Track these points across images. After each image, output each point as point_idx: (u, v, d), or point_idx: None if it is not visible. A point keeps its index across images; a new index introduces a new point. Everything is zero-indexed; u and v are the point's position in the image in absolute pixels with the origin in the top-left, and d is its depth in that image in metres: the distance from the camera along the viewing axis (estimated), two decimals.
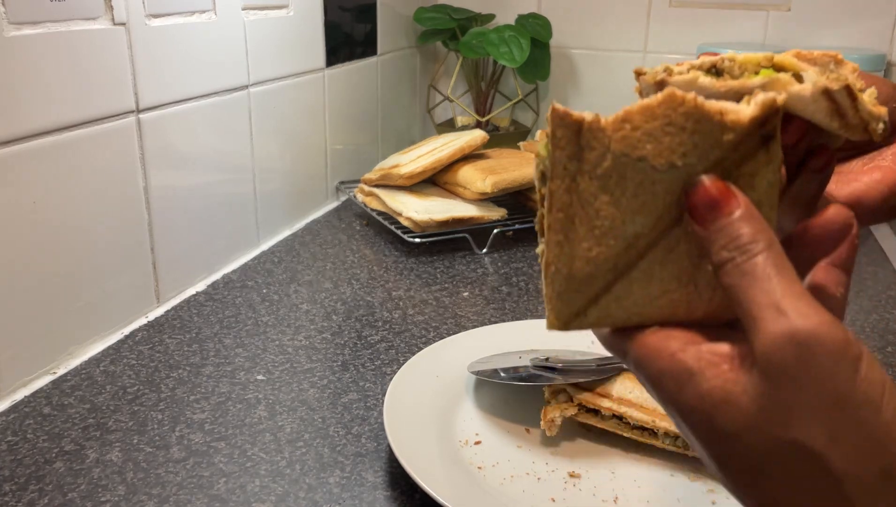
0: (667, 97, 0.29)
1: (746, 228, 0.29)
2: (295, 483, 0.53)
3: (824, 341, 0.26)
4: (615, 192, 0.29)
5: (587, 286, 0.30)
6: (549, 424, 0.56)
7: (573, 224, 0.30)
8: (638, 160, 0.29)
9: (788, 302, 0.27)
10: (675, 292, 0.31)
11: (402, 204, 0.95)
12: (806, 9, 1.26)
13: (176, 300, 0.80)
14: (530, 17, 1.31)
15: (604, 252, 0.30)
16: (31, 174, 0.62)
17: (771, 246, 0.29)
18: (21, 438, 0.57)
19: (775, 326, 0.27)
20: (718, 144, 0.29)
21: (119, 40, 0.69)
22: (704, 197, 0.29)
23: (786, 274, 0.28)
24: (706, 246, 0.30)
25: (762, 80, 0.34)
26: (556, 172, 0.29)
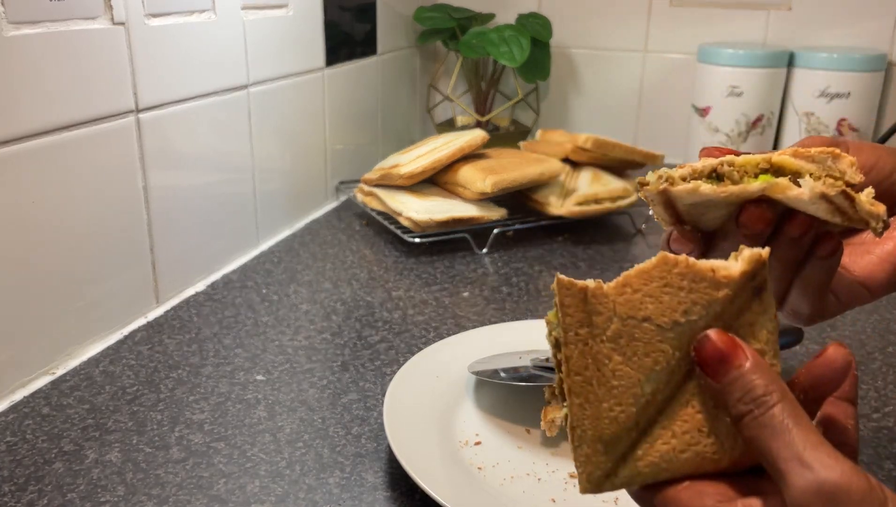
0: (660, 261, 0.31)
1: (759, 380, 0.30)
2: (295, 484, 0.53)
3: (850, 491, 0.28)
4: (627, 351, 0.31)
5: (614, 447, 0.31)
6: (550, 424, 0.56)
7: (592, 386, 0.31)
8: (643, 320, 0.31)
9: (810, 454, 0.28)
10: (699, 444, 0.31)
11: (402, 204, 0.95)
12: (807, 8, 1.26)
13: (175, 300, 0.80)
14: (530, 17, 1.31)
15: (625, 411, 0.31)
16: (30, 174, 0.62)
17: (784, 396, 0.30)
18: (20, 438, 0.57)
19: (802, 480, 0.28)
20: (715, 299, 0.31)
21: (118, 40, 0.68)
22: (713, 352, 0.31)
23: (803, 424, 0.29)
24: (722, 398, 0.31)
25: (761, 185, 0.36)
26: (569, 338, 0.31)
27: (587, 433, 0.31)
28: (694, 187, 0.37)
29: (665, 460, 0.31)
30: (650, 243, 1.00)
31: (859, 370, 0.68)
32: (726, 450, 0.32)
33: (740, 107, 1.21)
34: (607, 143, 1.03)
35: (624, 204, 1.00)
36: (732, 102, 1.21)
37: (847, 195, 0.35)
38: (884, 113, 1.25)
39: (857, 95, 1.17)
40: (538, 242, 0.98)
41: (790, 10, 1.27)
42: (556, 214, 0.97)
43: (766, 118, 1.22)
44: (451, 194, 0.98)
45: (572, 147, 1.04)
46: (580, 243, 0.98)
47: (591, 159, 1.05)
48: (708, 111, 1.24)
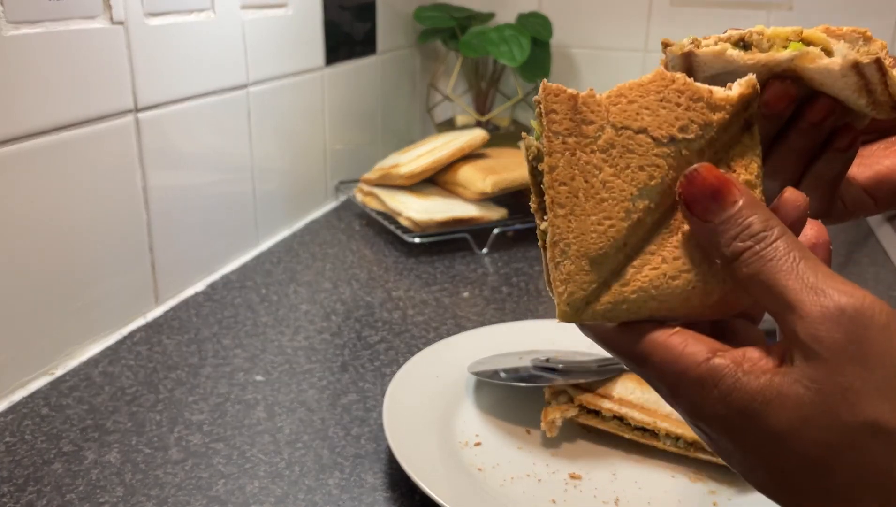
0: (657, 75, 0.30)
1: (755, 215, 0.28)
2: (294, 485, 0.53)
3: (874, 315, 0.25)
4: (619, 163, 0.29)
5: (599, 265, 0.29)
6: (550, 425, 0.56)
7: (578, 198, 0.29)
8: (638, 132, 0.29)
9: (825, 282, 0.26)
10: (690, 271, 0.29)
11: (402, 204, 0.95)
12: (807, 8, 1.26)
13: (175, 301, 0.80)
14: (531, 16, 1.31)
15: (614, 225, 0.29)
16: (29, 174, 0.61)
17: (785, 230, 0.28)
18: (19, 439, 0.57)
19: (818, 307, 0.25)
20: (711, 122, 0.29)
21: (117, 39, 0.68)
22: (704, 187, 0.28)
23: (810, 256, 0.27)
24: (712, 240, 0.28)
25: (791, 53, 0.34)
26: (555, 147, 0.29)
27: (571, 248, 0.29)
28: (721, 50, 0.35)
29: (654, 285, 0.29)
30: None
31: None
32: (719, 281, 0.30)
33: None
34: None
35: None
36: None
37: (880, 66, 0.33)
38: None
39: None
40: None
41: (791, 9, 1.27)
42: None
43: None
44: (451, 194, 0.98)
45: None
46: None
47: None
48: None
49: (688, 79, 0.30)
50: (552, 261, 0.29)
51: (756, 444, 0.27)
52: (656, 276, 0.29)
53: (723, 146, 0.30)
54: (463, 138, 0.99)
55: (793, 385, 0.26)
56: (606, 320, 0.30)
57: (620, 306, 0.29)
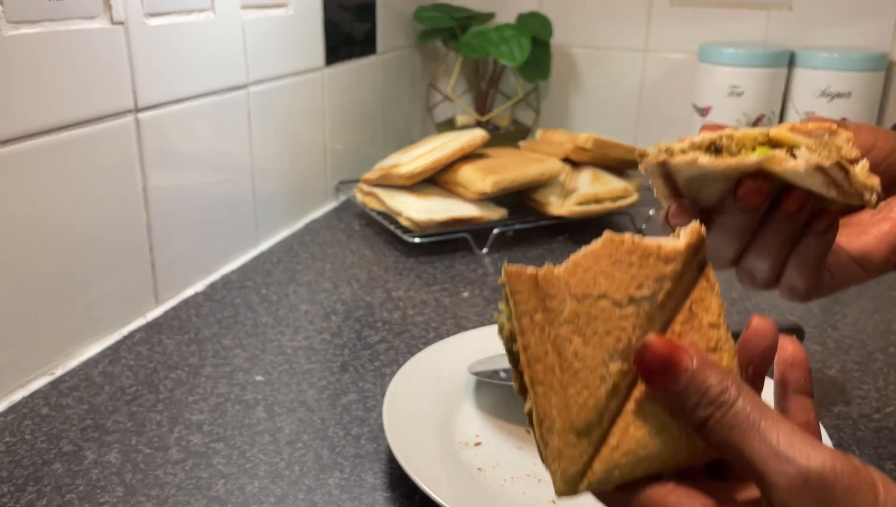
0: (607, 240, 0.31)
1: (712, 378, 0.28)
2: (294, 485, 0.53)
3: (838, 477, 0.26)
4: (586, 331, 0.30)
5: (585, 437, 0.30)
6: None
7: (554, 372, 0.30)
8: (598, 298, 0.30)
9: (787, 446, 0.27)
10: (672, 425, 0.30)
11: (402, 204, 0.95)
12: (807, 8, 1.26)
13: (174, 301, 0.80)
14: (531, 16, 1.31)
15: (593, 394, 0.30)
16: (29, 174, 0.61)
17: (741, 388, 0.28)
18: (19, 439, 0.57)
19: (784, 476, 0.26)
20: (665, 275, 0.30)
21: (117, 39, 0.68)
22: (655, 359, 0.29)
23: (769, 415, 0.28)
24: (677, 408, 0.29)
25: (758, 157, 0.36)
26: (524, 326, 0.30)
27: (556, 424, 0.30)
28: (692, 159, 0.37)
29: (641, 445, 0.30)
30: None
31: (860, 371, 0.68)
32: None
33: (741, 106, 1.21)
34: (607, 143, 1.03)
35: (624, 204, 1.00)
36: (733, 102, 1.21)
37: (842, 167, 0.35)
38: (884, 113, 1.25)
39: (857, 95, 1.17)
40: (538, 242, 0.98)
41: (791, 9, 1.27)
42: (556, 214, 0.97)
43: (766, 118, 1.22)
44: (451, 194, 0.98)
45: (572, 147, 1.04)
46: (580, 243, 0.97)
47: (592, 159, 1.04)
48: (708, 111, 1.24)
49: (636, 238, 0.31)
50: (541, 439, 0.30)
51: None
52: (642, 435, 0.30)
53: (682, 293, 0.31)
54: (463, 138, 0.99)
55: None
56: (603, 487, 0.30)
57: (613, 471, 0.30)
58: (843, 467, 0.26)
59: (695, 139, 0.38)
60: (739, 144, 0.37)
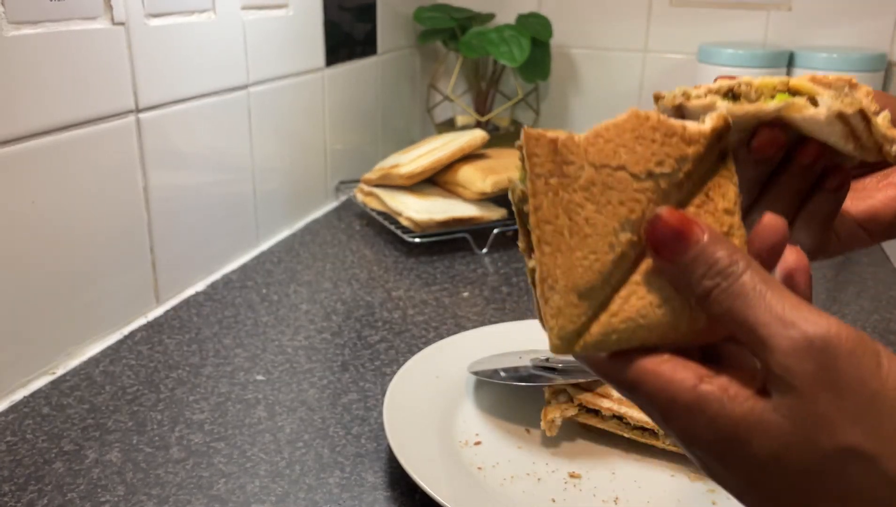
0: (632, 114, 0.31)
1: (721, 252, 0.28)
2: (295, 484, 0.53)
3: (842, 342, 0.26)
4: (600, 200, 0.30)
5: (588, 297, 0.30)
6: (550, 424, 0.56)
7: (563, 235, 0.30)
8: (617, 169, 0.30)
9: (792, 313, 0.27)
10: (674, 299, 0.30)
11: (402, 204, 0.95)
12: (807, 8, 1.26)
13: (175, 300, 0.80)
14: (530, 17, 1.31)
15: (600, 259, 0.30)
16: (30, 174, 0.62)
17: (750, 263, 0.28)
18: (20, 438, 0.57)
19: (787, 339, 0.26)
20: (686, 155, 0.30)
21: (118, 40, 0.68)
22: (666, 230, 0.29)
23: (776, 286, 0.28)
24: (682, 280, 0.29)
25: (778, 104, 0.36)
26: (538, 188, 0.30)
27: (559, 283, 0.30)
28: (710, 103, 0.36)
29: (641, 314, 0.30)
30: None
31: None
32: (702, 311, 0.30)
33: None
34: None
35: None
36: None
37: (864, 116, 0.35)
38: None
39: None
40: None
41: (790, 10, 1.27)
42: None
43: None
44: (451, 194, 0.98)
45: None
46: None
47: None
48: None
49: (661, 115, 0.31)
50: (542, 296, 0.30)
51: (744, 469, 0.28)
52: (643, 305, 0.30)
53: (700, 177, 0.31)
54: (463, 139, 0.99)
55: (772, 413, 0.27)
56: (598, 350, 0.31)
57: (610, 335, 0.30)
58: (848, 333, 0.26)
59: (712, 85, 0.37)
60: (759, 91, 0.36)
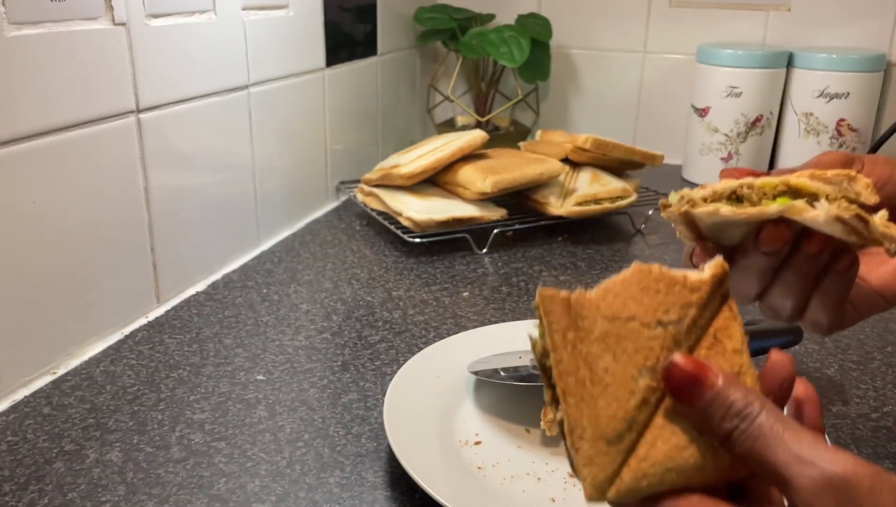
0: (636, 270, 0.33)
1: (736, 394, 0.30)
2: (295, 483, 0.53)
3: (860, 480, 0.27)
4: (616, 350, 0.32)
5: (615, 445, 0.31)
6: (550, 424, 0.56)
7: (585, 386, 0.31)
8: (628, 320, 0.32)
9: (810, 452, 0.28)
10: (699, 440, 0.31)
11: (402, 204, 0.95)
12: (806, 9, 1.26)
13: (176, 300, 0.80)
14: (530, 17, 1.31)
15: (622, 407, 0.31)
16: (30, 174, 0.62)
17: (765, 403, 0.29)
18: (21, 438, 0.57)
19: (808, 479, 0.27)
20: (690, 302, 0.32)
21: (119, 40, 0.69)
22: (683, 376, 0.30)
23: (792, 426, 0.29)
24: (703, 423, 0.30)
25: (779, 207, 0.38)
26: (557, 343, 0.32)
27: (587, 433, 0.31)
28: (714, 210, 0.39)
29: (668, 458, 0.31)
30: (649, 243, 1.00)
31: (858, 370, 0.68)
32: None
33: (739, 107, 1.21)
34: (607, 143, 1.03)
35: (623, 204, 1.00)
36: (731, 103, 1.22)
37: (861, 218, 0.37)
38: (882, 113, 1.25)
39: (856, 96, 1.18)
40: (538, 243, 0.98)
41: (789, 10, 1.27)
42: (555, 214, 0.97)
43: (765, 118, 1.23)
44: (451, 194, 0.99)
45: (572, 147, 1.04)
46: (580, 243, 0.98)
47: (591, 159, 1.05)
48: (707, 111, 1.24)
49: (664, 268, 0.33)
50: (572, 447, 0.31)
51: None
52: (669, 449, 0.31)
53: (706, 321, 0.33)
54: (463, 139, 0.99)
55: None
56: (631, 496, 0.31)
57: (641, 481, 0.31)
58: (865, 470, 0.27)
59: (716, 187, 0.40)
60: (760, 192, 0.39)
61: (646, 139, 1.39)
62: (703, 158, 1.27)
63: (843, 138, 1.20)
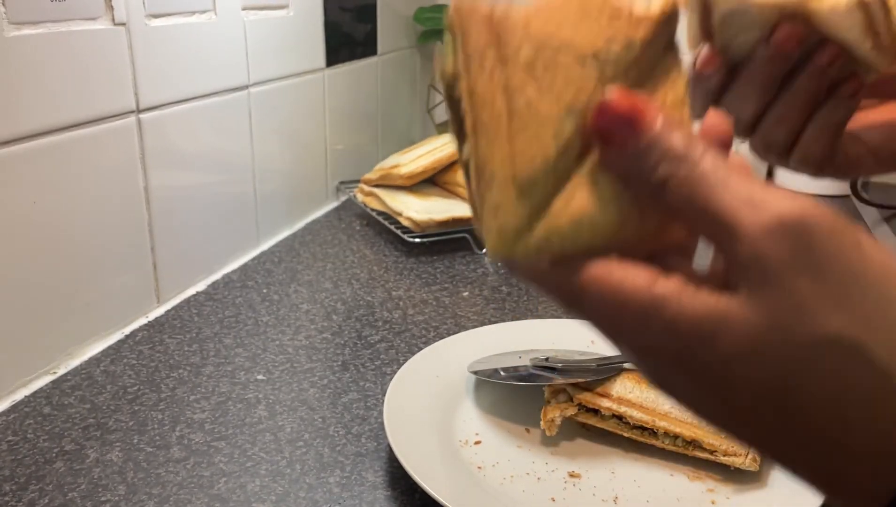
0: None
1: (677, 136, 0.24)
2: (295, 483, 0.53)
3: (818, 221, 0.23)
4: (544, 80, 0.26)
5: (529, 192, 0.26)
6: (549, 424, 0.56)
7: (500, 121, 0.26)
8: (560, 48, 0.26)
9: (762, 195, 0.23)
10: (623, 197, 0.27)
11: (402, 204, 0.95)
12: None
13: (176, 300, 0.80)
14: None
15: (543, 148, 0.26)
16: (31, 174, 0.62)
17: (709, 148, 0.25)
18: (21, 438, 0.57)
19: (758, 220, 0.23)
20: (633, 41, 0.27)
21: (119, 40, 0.69)
22: (616, 114, 0.25)
23: (740, 171, 0.24)
24: (633, 171, 0.25)
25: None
26: (473, 68, 0.26)
27: (497, 175, 0.26)
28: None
29: (586, 215, 0.26)
30: None
31: None
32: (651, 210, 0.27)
33: None
34: None
35: None
36: None
37: (884, 5, 0.36)
38: None
39: None
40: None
41: None
42: None
43: None
44: (451, 194, 0.99)
45: None
46: None
47: None
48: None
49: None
50: (477, 193, 0.27)
51: (706, 373, 0.24)
52: (588, 204, 0.26)
53: (647, 65, 0.28)
54: None
55: (741, 308, 0.23)
56: (540, 253, 0.27)
57: (553, 237, 0.26)
58: (822, 211, 0.23)
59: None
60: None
61: None
62: None
63: None
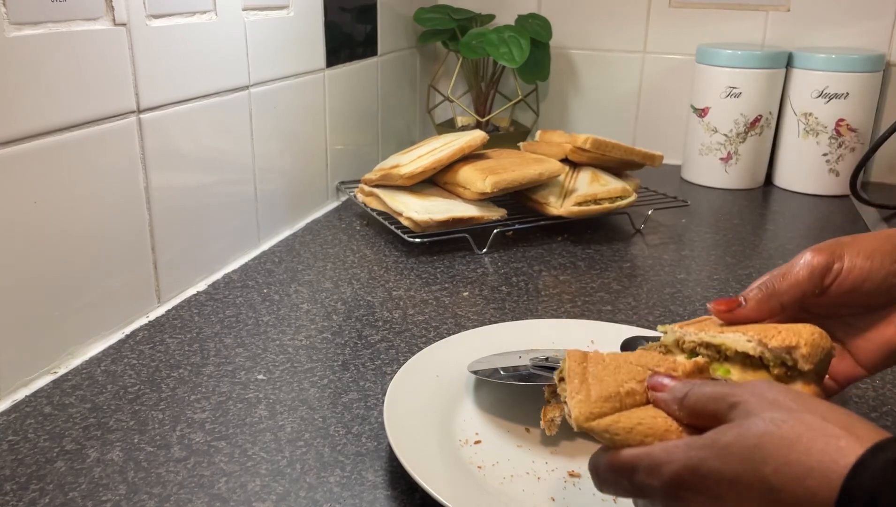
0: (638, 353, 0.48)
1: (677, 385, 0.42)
2: (295, 482, 0.53)
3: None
4: (610, 367, 0.44)
5: (602, 401, 0.42)
6: (549, 423, 0.56)
7: (586, 380, 0.43)
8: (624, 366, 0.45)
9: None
10: (665, 418, 0.41)
11: (402, 204, 0.95)
12: (805, 9, 1.26)
13: (177, 300, 0.80)
14: (530, 18, 1.31)
15: (613, 389, 0.42)
16: (31, 174, 0.62)
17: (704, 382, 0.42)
18: (22, 437, 0.57)
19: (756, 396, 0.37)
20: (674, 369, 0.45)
21: (120, 41, 0.69)
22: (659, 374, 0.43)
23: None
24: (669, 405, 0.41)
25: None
26: (572, 368, 0.44)
27: (581, 395, 0.42)
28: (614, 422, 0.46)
29: (641, 420, 0.40)
30: (649, 243, 1.00)
31: None
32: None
33: (739, 107, 1.22)
34: (606, 143, 1.03)
35: (623, 204, 1.01)
36: (731, 103, 1.22)
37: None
38: (881, 113, 1.26)
39: (855, 96, 1.18)
40: (538, 242, 0.98)
41: (789, 10, 1.27)
42: (555, 214, 0.97)
43: (764, 119, 1.23)
44: (451, 194, 0.99)
45: (571, 147, 1.04)
46: (579, 243, 0.99)
47: (591, 160, 1.05)
48: (706, 112, 1.25)
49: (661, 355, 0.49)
50: (570, 396, 0.43)
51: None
52: (643, 416, 0.41)
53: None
54: (463, 139, 0.99)
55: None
56: (607, 433, 0.40)
57: (616, 425, 0.40)
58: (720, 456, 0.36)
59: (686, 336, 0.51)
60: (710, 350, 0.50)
61: (645, 139, 1.39)
62: (702, 158, 1.28)
63: (842, 138, 1.20)
